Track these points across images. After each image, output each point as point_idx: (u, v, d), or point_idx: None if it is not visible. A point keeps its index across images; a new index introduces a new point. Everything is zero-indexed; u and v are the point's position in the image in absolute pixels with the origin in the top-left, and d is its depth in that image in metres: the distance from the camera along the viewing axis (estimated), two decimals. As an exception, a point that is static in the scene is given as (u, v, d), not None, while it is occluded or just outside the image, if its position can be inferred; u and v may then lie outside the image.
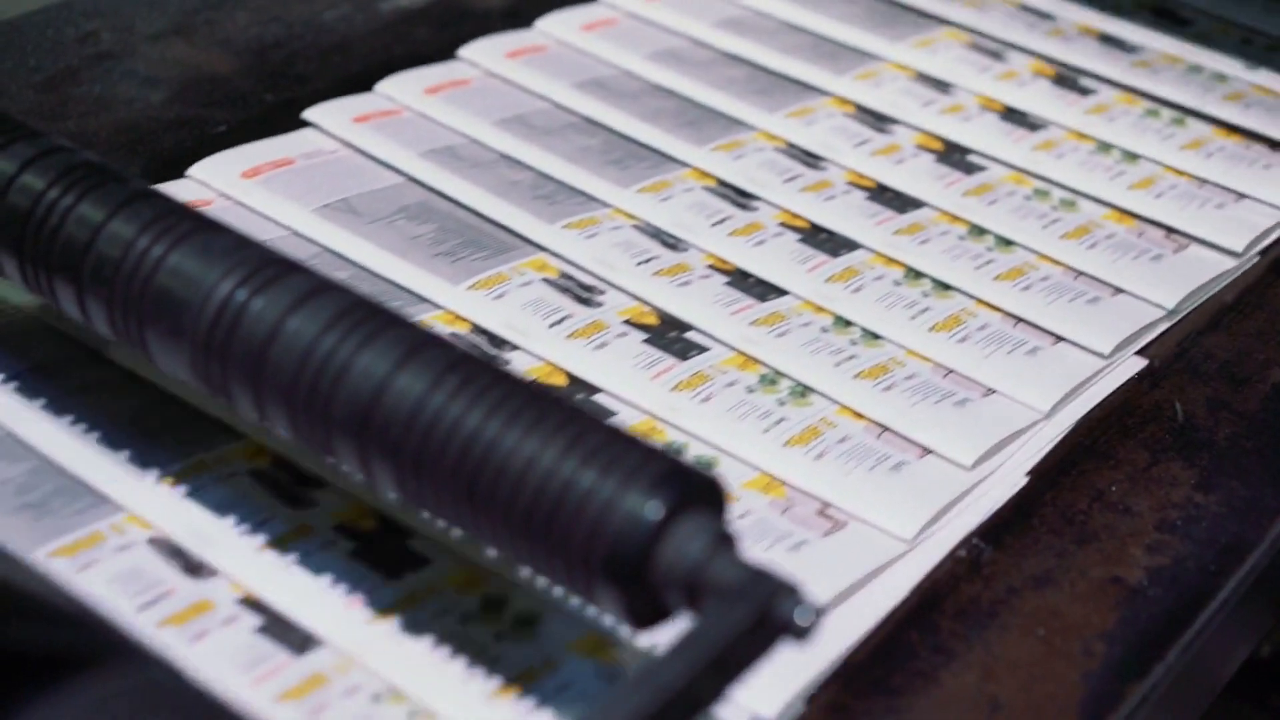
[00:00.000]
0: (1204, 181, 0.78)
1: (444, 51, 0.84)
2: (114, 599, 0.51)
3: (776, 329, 0.66)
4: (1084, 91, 0.84)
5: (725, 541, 0.45)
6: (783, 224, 0.73)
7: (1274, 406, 0.66)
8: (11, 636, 0.43)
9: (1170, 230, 0.75)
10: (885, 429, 0.62)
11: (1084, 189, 0.77)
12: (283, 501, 0.56)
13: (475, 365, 0.48)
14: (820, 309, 0.68)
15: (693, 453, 0.60)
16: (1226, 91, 0.84)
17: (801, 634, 0.44)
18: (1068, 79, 0.85)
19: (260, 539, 0.54)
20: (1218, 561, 0.58)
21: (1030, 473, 0.61)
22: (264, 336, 0.49)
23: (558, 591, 0.52)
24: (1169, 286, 0.71)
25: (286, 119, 0.77)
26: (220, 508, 0.55)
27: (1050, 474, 0.61)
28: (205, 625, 0.51)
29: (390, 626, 0.52)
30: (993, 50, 0.87)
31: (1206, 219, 0.75)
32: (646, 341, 0.65)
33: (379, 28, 0.87)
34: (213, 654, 0.50)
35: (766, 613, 0.43)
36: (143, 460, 0.56)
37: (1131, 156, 0.79)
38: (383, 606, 0.52)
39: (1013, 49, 0.88)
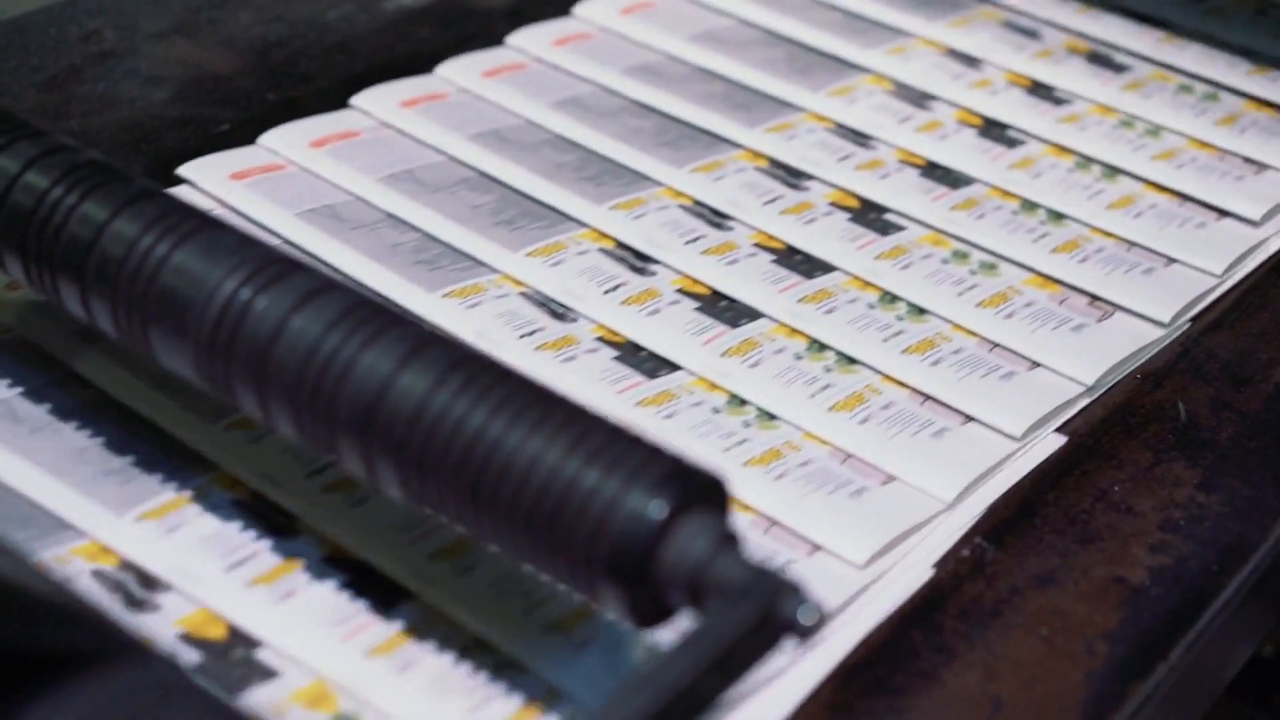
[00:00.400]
0: (1132, 244, 0.73)
1: (446, 52, 0.84)
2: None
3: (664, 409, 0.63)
4: (1011, 144, 0.80)
5: (729, 540, 0.45)
6: (833, 204, 0.74)
7: (1277, 406, 0.66)
8: (14, 635, 0.43)
9: (1094, 298, 0.70)
10: (928, 398, 0.64)
11: (1005, 252, 0.72)
12: (270, 533, 0.55)
13: (479, 364, 0.48)
14: (868, 284, 0.69)
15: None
16: (1159, 149, 0.81)
17: (805, 633, 0.44)
18: (993, 129, 0.82)
19: (244, 574, 0.53)
20: (1220, 561, 0.58)
21: (1030, 473, 0.61)
22: (268, 335, 0.49)
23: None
24: (1089, 360, 0.66)
25: (289, 118, 0.77)
26: (197, 545, 0.54)
27: (1053, 473, 0.61)
28: (292, 584, 0.52)
29: (451, 564, 0.53)
30: (916, 98, 0.83)
31: (1133, 285, 0.71)
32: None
33: (382, 27, 0.87)
34: (300, 612, 0.51)
35: (770, 612, 0.43)
36: (119, 495, 0.56)
37: (1056, 216, 0.75)
38: (444, 544, 0.53)
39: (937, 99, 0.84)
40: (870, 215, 0.74)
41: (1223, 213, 0.76)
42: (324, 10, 0.88)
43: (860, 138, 0.80)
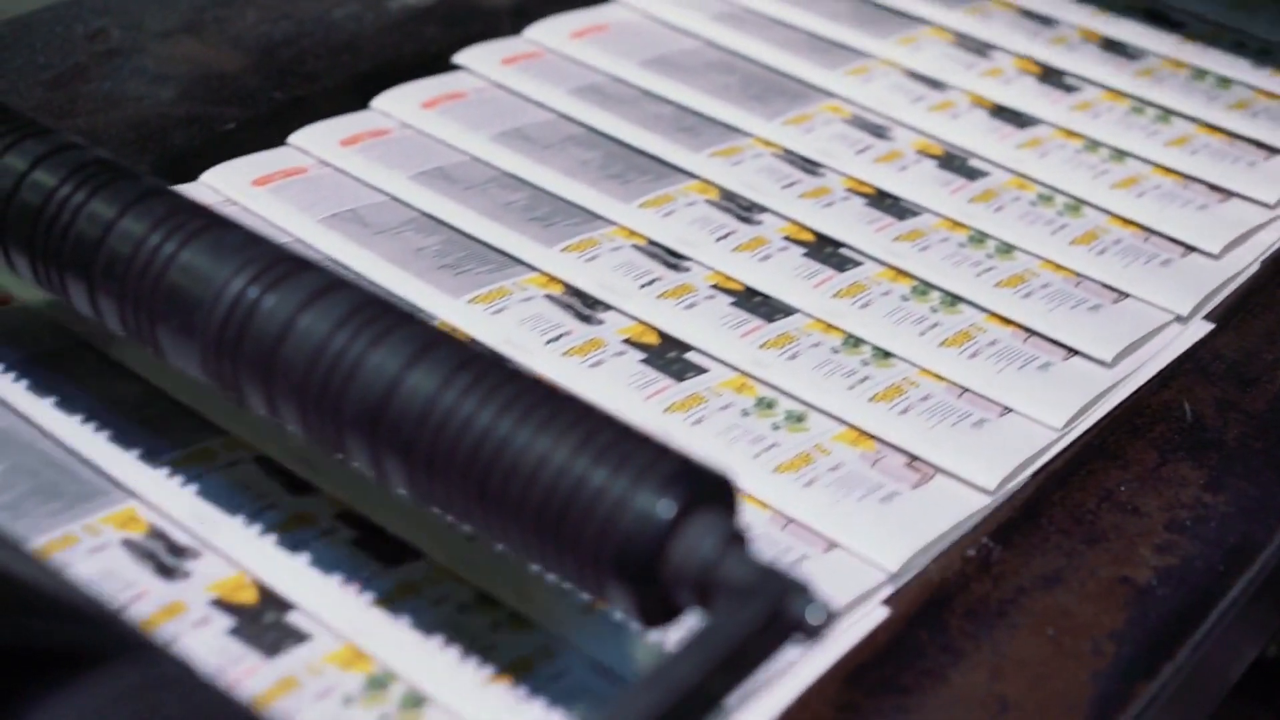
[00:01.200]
0: (1150, 233, 0.74)
1: (452, 50, 0.84)
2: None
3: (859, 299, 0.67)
4: (972, 176, 0.78)
5: (737, 540, 0.45)
6: (849, 190, 0.74)
7: (1283, 407, 0.66)
8: (19, 632, 0.43)
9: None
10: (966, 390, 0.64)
11: (1021, 243, 0.73)
12: (285, 489, 0.56)
13: (486, 363, 0.48)
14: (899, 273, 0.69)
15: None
16: (1171, 135, 0.82)
17: (813, 633, 0.44)
18: (1006, 112, 0.82)
19: (261, 525, 0.55)
20: (1226, 561, 0.58)
21: (1035, 474, 0.61)
22: (275, 334, 0.49)
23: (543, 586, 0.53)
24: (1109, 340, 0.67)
25: (295, 117, 0.77)
26: (222, 494, 0.55)
27: (1059, 474, 0.61)
28: (178, 628, 0.51)
29: (387, 613, 0.52)
30: (931, 81, 0.84)
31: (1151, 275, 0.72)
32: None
33: (388, 26, 0.87)
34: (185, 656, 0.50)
35: (778, 611, 0.43)
36: (146, 448, 0.57)
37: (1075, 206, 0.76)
38: (381, 594, 0.53)
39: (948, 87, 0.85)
40: (887, 201, 0.76)
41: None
42: (330, 9, 0.88)
43: (877, 127, 0.81)
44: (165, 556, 0.54)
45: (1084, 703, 0.52)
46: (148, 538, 0.54)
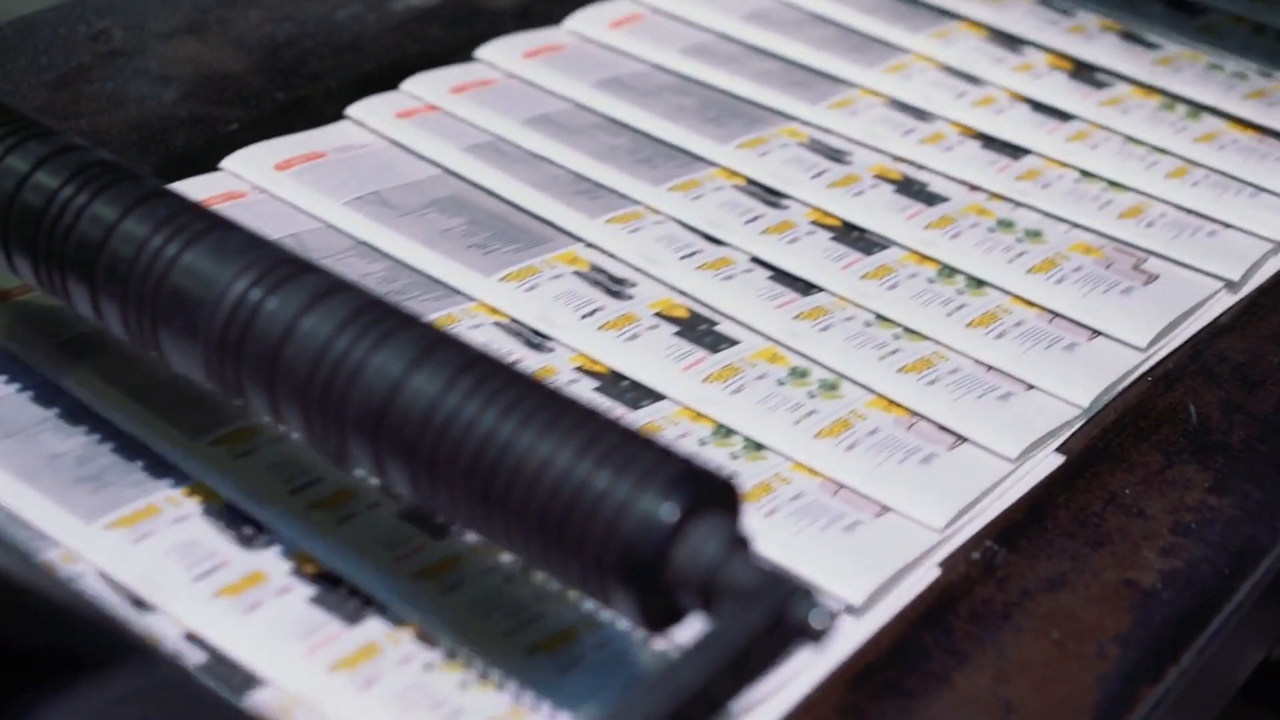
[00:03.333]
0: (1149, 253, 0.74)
1: (456, 50, 0.84)
2: (170, 571, 0.52)
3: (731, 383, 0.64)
4: (1015, 155, 0.79)
5: (740, 543, 0.45)
6: (814, 222, 0.73)
7: (1288, 409, 0.66)
8: (22, 636, 0.43)
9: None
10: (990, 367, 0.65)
11: (987, 276, 0.71)
12: (328, 465, 0.57)
13: (490, 365, 0.48)
14: (857, 304, 0.68)
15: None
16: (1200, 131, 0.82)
17: (817, 636, 0.44)
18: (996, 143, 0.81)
19: (307, 499, 0.55)
20: (1232, 565, 0.58)
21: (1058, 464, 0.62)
22: (278, 336, 0.49)
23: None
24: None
25: (298, 117, 0.77)
26: (268, 470, 0.56)
27: (1064, 476, 0.61)
28: (259, 596, 0.52)
29: (435, 582, 0.52)
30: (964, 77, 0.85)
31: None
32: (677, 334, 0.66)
33: (392, 26, 0.87)
34: (266, 625, 0.51)
35: (782, 615, 0.43)
36: (186, 426, 0.57)
37: (1034, 235, 0.74)
38: (429, 563, 0.53)
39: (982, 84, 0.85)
40: (915, 187, 0.76)
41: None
42: (333, 10, 0.88)
43: (916, 113, 0.82)
44: (244, 528, 0.54)
45: (1088, 706, 0.52)
46: (225, 508, 0.55)
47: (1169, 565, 0.58)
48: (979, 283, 0.70)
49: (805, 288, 0.69)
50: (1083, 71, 0.85)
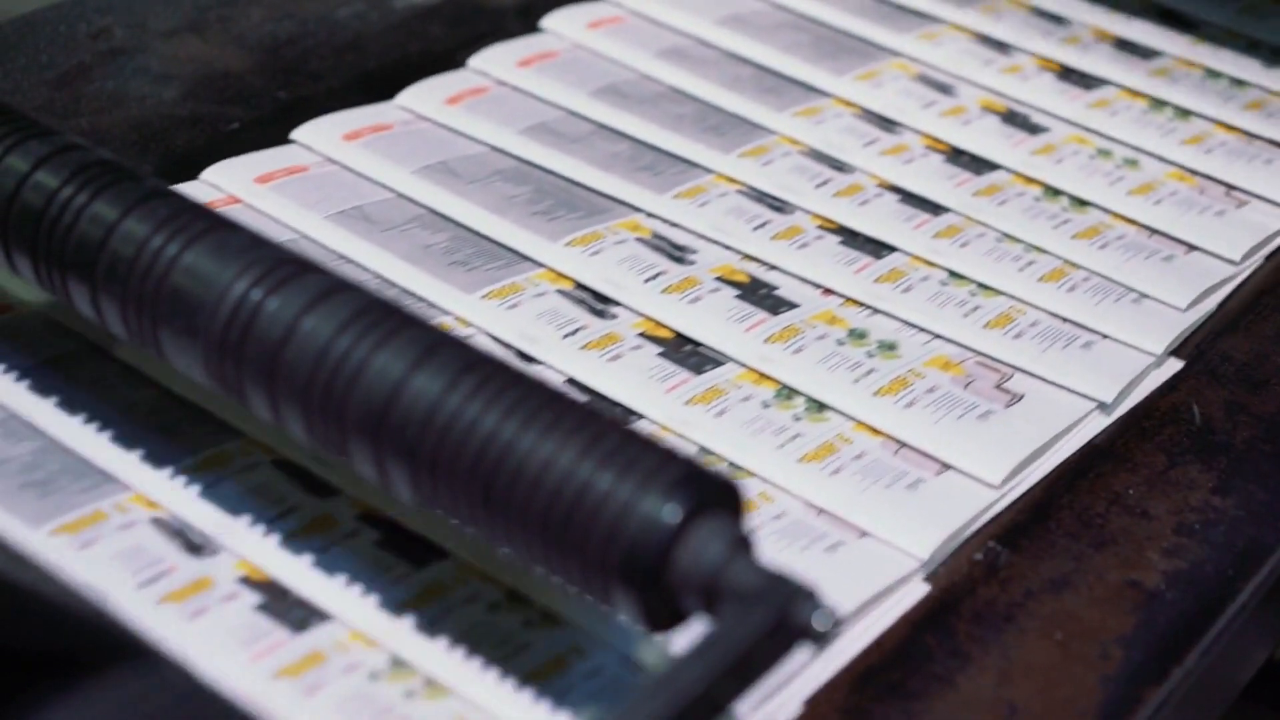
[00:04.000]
0: (1154, 231, 0.75)
1: (457, 50, 0.84)
2: (115, 576, 0.52)
3: (791, 344, 0.65)
4: (1034, 130, 0.81)
5: (743, 545, 0.44)
6: (820, 227, 0.73)
7: (1292, 409, 0.66)
8: (28, 639, 0.43)
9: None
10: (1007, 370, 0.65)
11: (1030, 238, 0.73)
12: (305, 491, 0.56)
13: (492, 366, 0.47)
14: (836, 320, 0.67)
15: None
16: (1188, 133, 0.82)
17: (819, 638, 0.43)
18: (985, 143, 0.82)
19: (283, 529, 0.54)
20: (1235, 565, 0.58)
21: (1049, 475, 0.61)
22: (279, 336, 0.49)
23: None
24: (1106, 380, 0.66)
25: (299, 117, 0.76)
26: (241, 498, 0.55)
27: (1067, 477, 0.61)
28: (204, 602, 0.51)
29: (417, 615, 0.52)
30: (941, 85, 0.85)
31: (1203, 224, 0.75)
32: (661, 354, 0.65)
33: (393, 25, 0.87)
34: (210, 630, 0.50)
35: (784, 617, 0.43)
36: (159, 453, 0.56)
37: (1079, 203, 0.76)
38: (410, 595, 0.52)
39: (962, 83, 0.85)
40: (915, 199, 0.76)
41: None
42: (335, 8, 0.88)
43: (888, 123, 0.81)
44: (194, 535, 0.54)
45: (1092, 708, 0.52)
46: (174, 518, 0.54)
47: (1172, 566, 0.58)
48: (1082, 203, 0.75)
49: (877, 249, 0.71)
50: (1070, 75, 0.85)
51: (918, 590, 0.56)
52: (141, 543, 0.53)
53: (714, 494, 0.45)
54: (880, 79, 0.83)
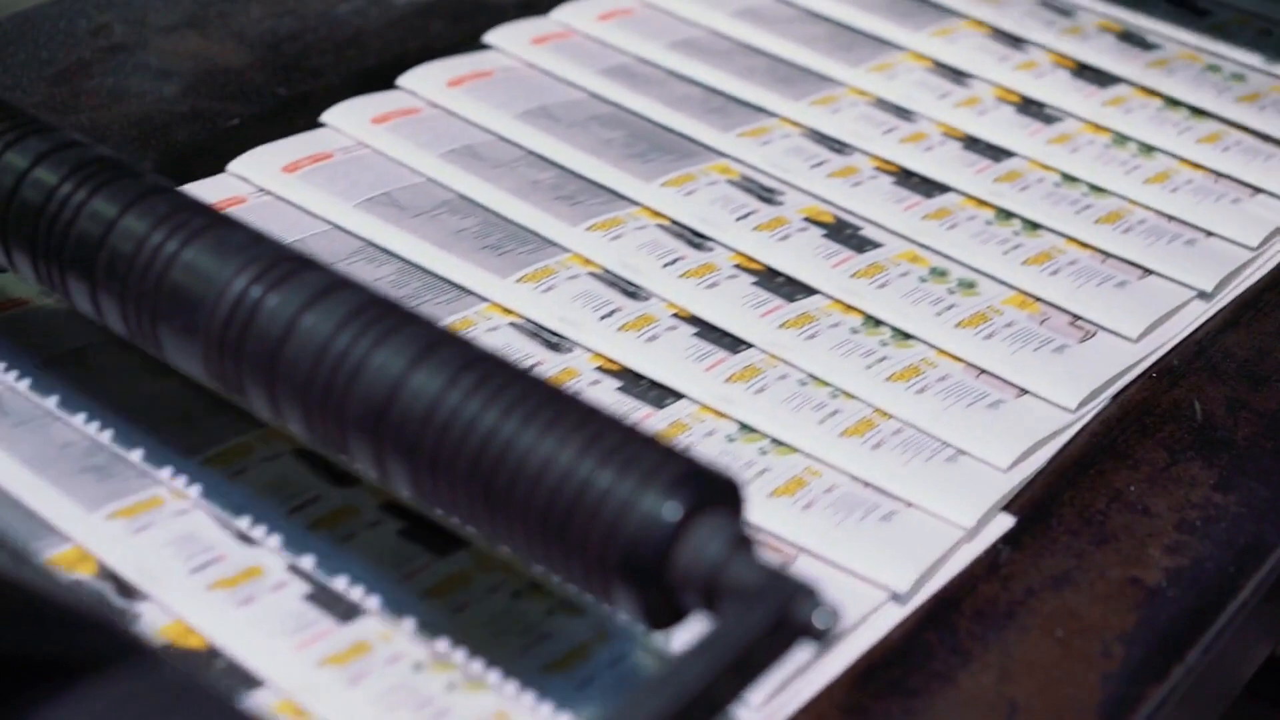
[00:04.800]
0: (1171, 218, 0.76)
1: (458, 45, 0.83)
2: (167, 561, 0.52)
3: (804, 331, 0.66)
4: (998, 157, 0.79)
5: (743, 542, 0.44)
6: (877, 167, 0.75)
7: (1294, 406, 0.65)
8: (23, 639, 0.43)
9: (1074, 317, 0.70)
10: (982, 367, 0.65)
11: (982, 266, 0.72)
12: (328, 481, 0.56)
13: (492, 363, 0.47)
14: (847, 310, 0.68)
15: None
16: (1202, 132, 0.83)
17: (820, 636, 0.43)
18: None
19: (304, 519, 0.54)
20: (1237, 562, 0.58)
21: (1044, 473, 0.61)
22: (278, 334, 0.49)
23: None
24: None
25: (300, 113, 0.76)
26: (265, 489, 0.55)
27: (1069, 473, 0.61)
28: (253, 591, 0.52)
29: (442, 602, 0.52)
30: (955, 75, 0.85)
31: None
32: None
33: (393, 21, 0.87)
34: (257, 619, 0.51)
35: (785, 615, 0.43)
36: (182, 445, 0.57)
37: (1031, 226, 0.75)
38: (434, 583, 0.52)
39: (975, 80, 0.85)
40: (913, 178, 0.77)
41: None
42: (335, 4, 0.88)
43: (901, 111, 0.81)
44: (114, 597, 0.52)
45: (1094, 705, 0.52)
46: (97, 579, 0.53)
47: (1174, 563, 0.57)
48: (1034, 226, 0.73)
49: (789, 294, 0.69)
50: (1085, 72, 0.85)
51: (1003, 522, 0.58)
52: (195, 530, 0.54)
53: (714, 491, 0.45)
54: (894, 70, 0.83)
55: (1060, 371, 0.65)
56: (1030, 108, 0.81)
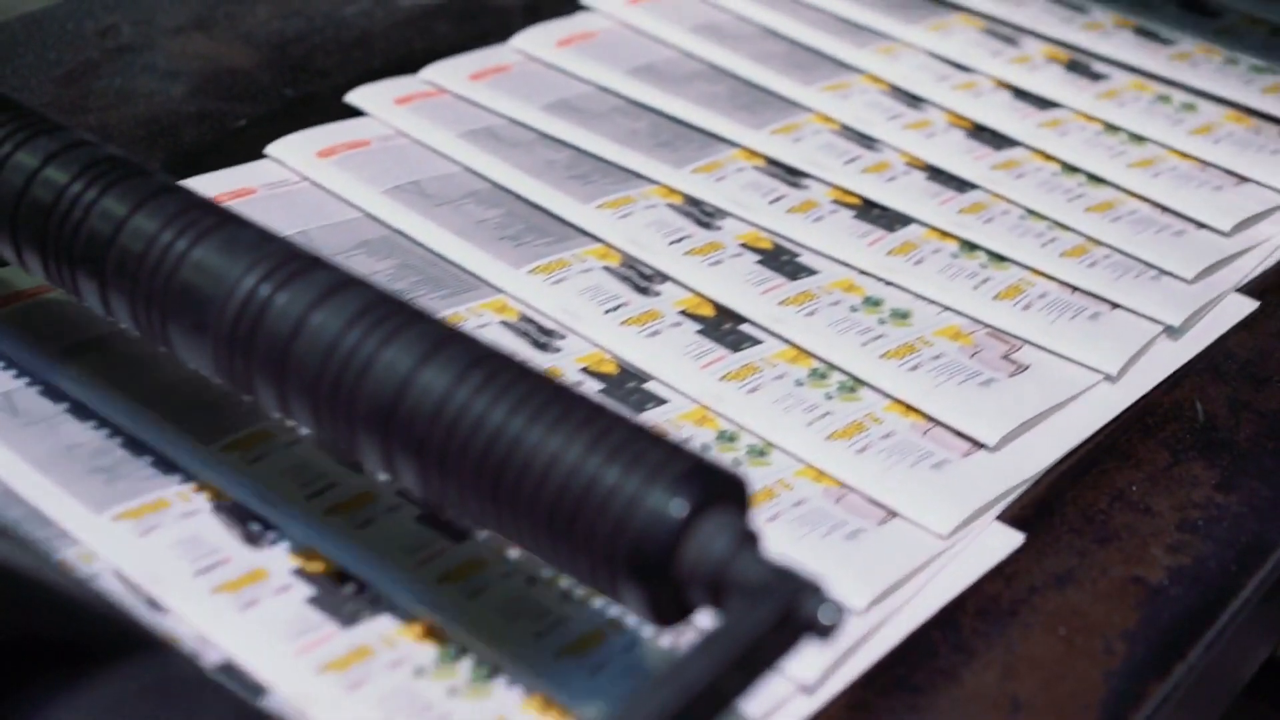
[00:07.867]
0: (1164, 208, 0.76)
1: (463, 47, 0.84)
2: (172, 564, 0.52)
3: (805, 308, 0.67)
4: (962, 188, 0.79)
5: (749, 539, 0.45)
6: (836, 201, 0.74)
7: (1295, 406, 0.66)
8: (31, 628, 0.43)
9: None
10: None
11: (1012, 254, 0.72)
12: (346, 466, 0.57)
13: (499, 361, 0.48)
14: (852, 288, 0.69)
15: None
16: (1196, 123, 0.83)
17: (826, 632, 0.43)
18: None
19: (321, 504, 0.55)
20: (1239, 561, 0.58)
21: (1047, 473, 0.61)
22: (288, 332, 0.49)
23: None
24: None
25: (307, 113, 0.77)
26: (284, 474, 0.56)
27: (1071, 473, 0.61)
28: (257, 594, 0.52)
29: (459, 587, 0.52)
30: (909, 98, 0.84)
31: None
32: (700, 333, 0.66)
33: (399, 22, 0.87)
34: (260, 622, 0.51)
35: (790, 611, 0.43)
36: (202, 432, 0.57)
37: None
38: (450, 567, 0.53)
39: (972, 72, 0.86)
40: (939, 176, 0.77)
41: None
42: (341, 6, 0.88)
43: (913, 99, 0.80)
44: (252, 525, 0.54)
45: (1096, 702, 0.52)
46: (234, 505, 0.55)
47: (1176, 562, 0.58)
48: (1000, 258, 0.72)
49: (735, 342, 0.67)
50: (1080, 65, 0.86)
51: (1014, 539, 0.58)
52: (200, 532, 0.54)
53: (721, 488, 0.45)
54: (800, 133, 0.81)
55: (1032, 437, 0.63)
56: (1024, 95, 0.82)
